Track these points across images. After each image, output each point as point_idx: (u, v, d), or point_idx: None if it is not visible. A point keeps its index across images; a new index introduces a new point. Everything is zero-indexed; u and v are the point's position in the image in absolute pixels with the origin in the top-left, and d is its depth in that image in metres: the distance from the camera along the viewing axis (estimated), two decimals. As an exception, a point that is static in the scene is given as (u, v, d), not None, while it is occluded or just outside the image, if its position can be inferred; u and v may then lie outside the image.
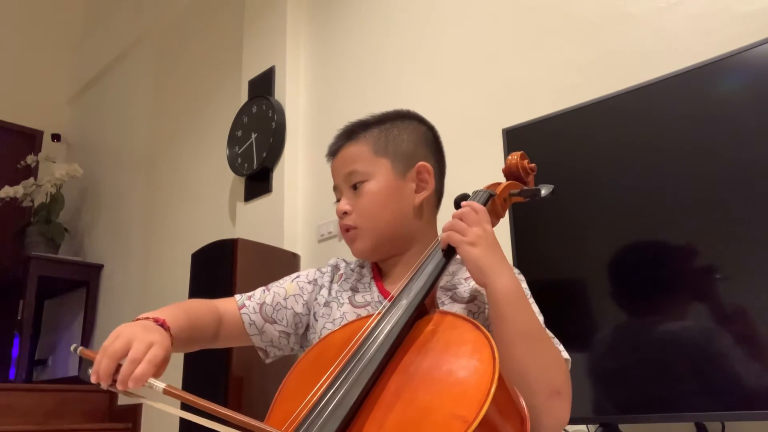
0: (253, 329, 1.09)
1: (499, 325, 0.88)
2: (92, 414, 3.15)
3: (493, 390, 0.64)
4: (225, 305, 1.09)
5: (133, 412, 3.00)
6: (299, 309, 1.10)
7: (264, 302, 1.10)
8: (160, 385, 0.74)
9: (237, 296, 1.12)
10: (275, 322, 1.09)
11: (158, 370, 0.80)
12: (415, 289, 0.86)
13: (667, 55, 1.48)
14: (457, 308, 1.00)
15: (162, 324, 0.88)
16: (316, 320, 1.08)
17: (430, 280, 0.88)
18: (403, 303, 0.84)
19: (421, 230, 1.09)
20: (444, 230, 0.95)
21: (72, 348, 0.84)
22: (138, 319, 0.90)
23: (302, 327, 1.11)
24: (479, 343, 0.72)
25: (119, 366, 0.78)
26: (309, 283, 1.13)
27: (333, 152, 1.14)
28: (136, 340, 0.80)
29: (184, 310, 0.99)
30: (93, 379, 0.79)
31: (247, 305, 1.09)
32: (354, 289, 1.10)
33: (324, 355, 0.85)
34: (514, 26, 1.86)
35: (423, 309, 0.85)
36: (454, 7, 2.05)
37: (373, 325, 0.83)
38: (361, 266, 1.15)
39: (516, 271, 1.05)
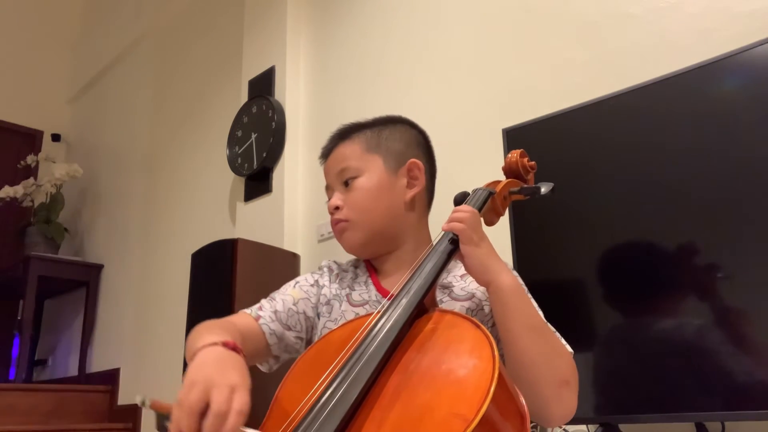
0: (273, 338, 1.04)
1: (504, 320, 0.89)
2: (92, 414, 3.15)
3: (493, 388, 0.64)
4: (240, 320, 1.03)
5: (133, 412, 3.00)
6: (310, 313, 1.09)
7: (276, 310, 1.07)
8: None
9: (246, 310, 1.08)
10: (290, 329, 1.07)
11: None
12: (414, 288, 0.86)
13: (667, 55, 1.48)
14: (456, 306, 1.00)
15: (234, 348, 0.79)
16: (318, 319, 1.09)
17: (429, 279, 0.88)
18: (403, 302, 0.84)
19: (413, 227, 1.10)
20: (449, 221, 0.95)
21: (138, 401, 0.71)
22: (203, 347, 0.78)
23: (312, 330, 1.10)
24: (479, 341, 0.72)
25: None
26: (312, 286, 1.13)
27: (325, 154, 1.17)
28: (215, 388, 0.69)
29: (222, 327, 0.89)
30: None
31: (262, 316, 1.05)
32: (350, 288, 1.10)
33: (323, 353, 0.85)
34: (514, 26, 1.86)
35: (423, 307, 0.85)
36: (454, 7, 2.05)
37: (372, 323, 0.83)
38: (355, 266, 1.16)
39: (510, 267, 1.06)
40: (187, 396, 0.68)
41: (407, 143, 1.13)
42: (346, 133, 1.15)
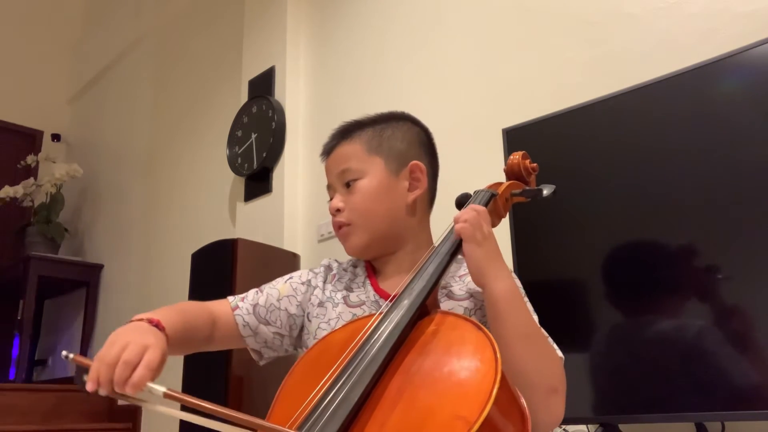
0: (246, 330, 1.07)
1: (497, 325, 0.89)
2: (92, 414, 3.15)
3: (495, 391, 0.64)
4: (218, 307, 1.07)
5: (133, 413, 3.01)
6: (293, 310, 1.09)
7: (257, 303, 1.08)
8: (159, 389, 0.71)
9: (230, 298, 1.10)
10: (269, 324, 1.08)
11: (155, 374, 0.77)
12: (416, 290, 0.86)
13: (667, 55, 1.48)
14: (454, 305, 1.00)
15: (157, 324, 0.86)
16: (310, 321, 1.09)
17: (431, 281, 0.88)
18: (405, 303, 0.84)
19: (414, 229, 1.10)
20: (456, 221, 0.95)
21: (63, 355, 0.77)
22: (132, 321, 0.88)
23: (296, 328, 1.10)
24: (481, 343, 0.72)
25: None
26: (302, 284, 1.12)
27: (327, 151, 1.16)
28: (131, 344, 0.77)
29: (178, 311, 0.96)
30: (90, 388, 0.75)
31: (240, 306, 1.08)
32: (348, 289, 1.10)
33: (325, 354, 0.85)
34: (514, 26, 1.86)
35: (424, 309, 0.85)
36: (454, 7, 2.05)
37: (375, 325, 0.83)
38: (354, 266, 1.15)
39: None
40: (106, 352, 0.76)
41: (409, 142, 1.12)
42: (347, 132, 1.14)
